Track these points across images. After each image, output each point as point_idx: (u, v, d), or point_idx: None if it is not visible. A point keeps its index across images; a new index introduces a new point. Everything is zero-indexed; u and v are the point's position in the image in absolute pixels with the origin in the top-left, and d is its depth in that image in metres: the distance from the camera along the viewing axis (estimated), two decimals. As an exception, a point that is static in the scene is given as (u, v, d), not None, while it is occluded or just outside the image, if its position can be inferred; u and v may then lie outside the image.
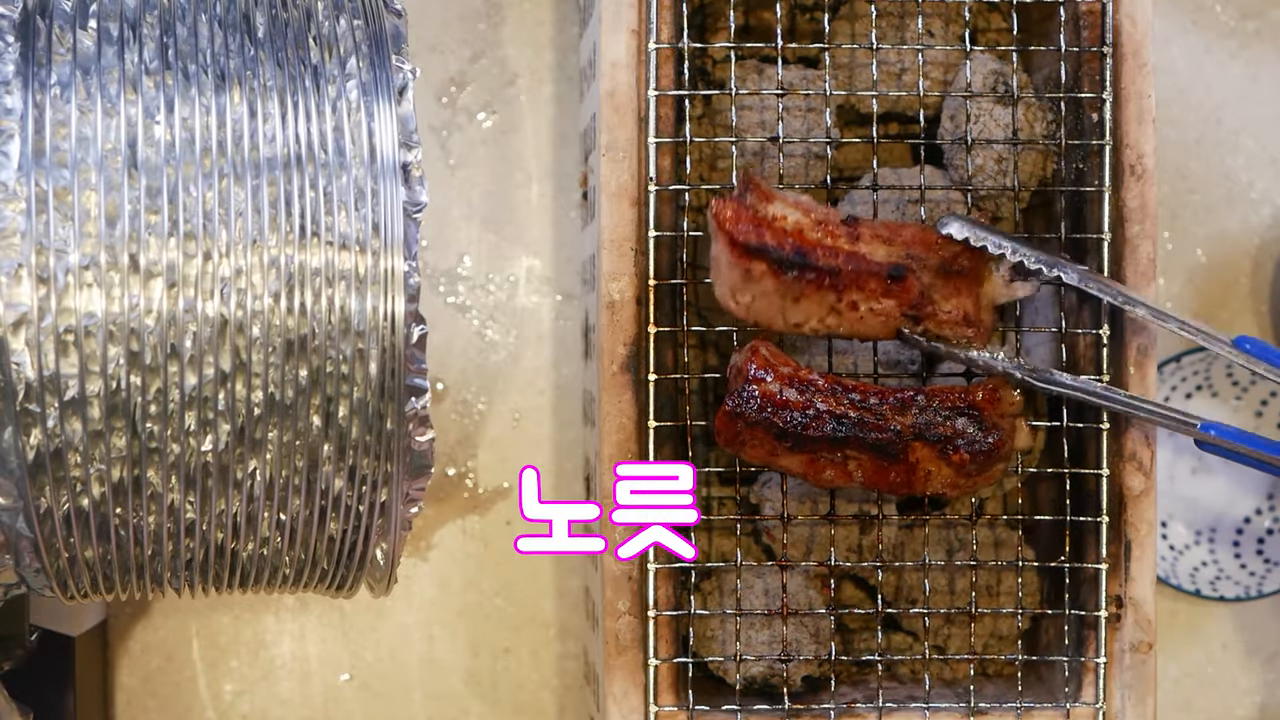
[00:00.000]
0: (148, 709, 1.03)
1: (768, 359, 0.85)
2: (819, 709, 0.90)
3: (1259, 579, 1.05)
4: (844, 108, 0.95)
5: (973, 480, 0.86)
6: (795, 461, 0.86)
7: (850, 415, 0.85)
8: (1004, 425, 0.86)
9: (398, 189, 0.74)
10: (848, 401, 0.85)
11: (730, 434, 0.86)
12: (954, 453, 0.85)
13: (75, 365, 0.71)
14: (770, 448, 0.86)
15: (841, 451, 0.85)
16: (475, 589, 1.04)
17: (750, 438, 0.85)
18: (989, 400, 0.86)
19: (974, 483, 0.87)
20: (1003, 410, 0.86)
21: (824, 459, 0.86)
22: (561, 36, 1.06)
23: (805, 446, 0.85)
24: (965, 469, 0.85)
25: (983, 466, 0.86)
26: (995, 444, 0.85)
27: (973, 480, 0.86)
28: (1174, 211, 1.08)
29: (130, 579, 0.77)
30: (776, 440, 0.85)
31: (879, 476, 0.86)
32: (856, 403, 0.85)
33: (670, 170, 0.90)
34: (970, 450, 0.85)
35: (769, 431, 0.85)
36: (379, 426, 0.75)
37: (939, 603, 0.94)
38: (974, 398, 0.86)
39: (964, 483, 0.86)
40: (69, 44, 0.73)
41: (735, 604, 0.91)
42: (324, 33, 0.77)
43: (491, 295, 1.05)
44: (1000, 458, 0.86)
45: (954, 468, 0.85)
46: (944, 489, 0.86)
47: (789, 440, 0.85)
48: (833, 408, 0.85)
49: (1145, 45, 0.90)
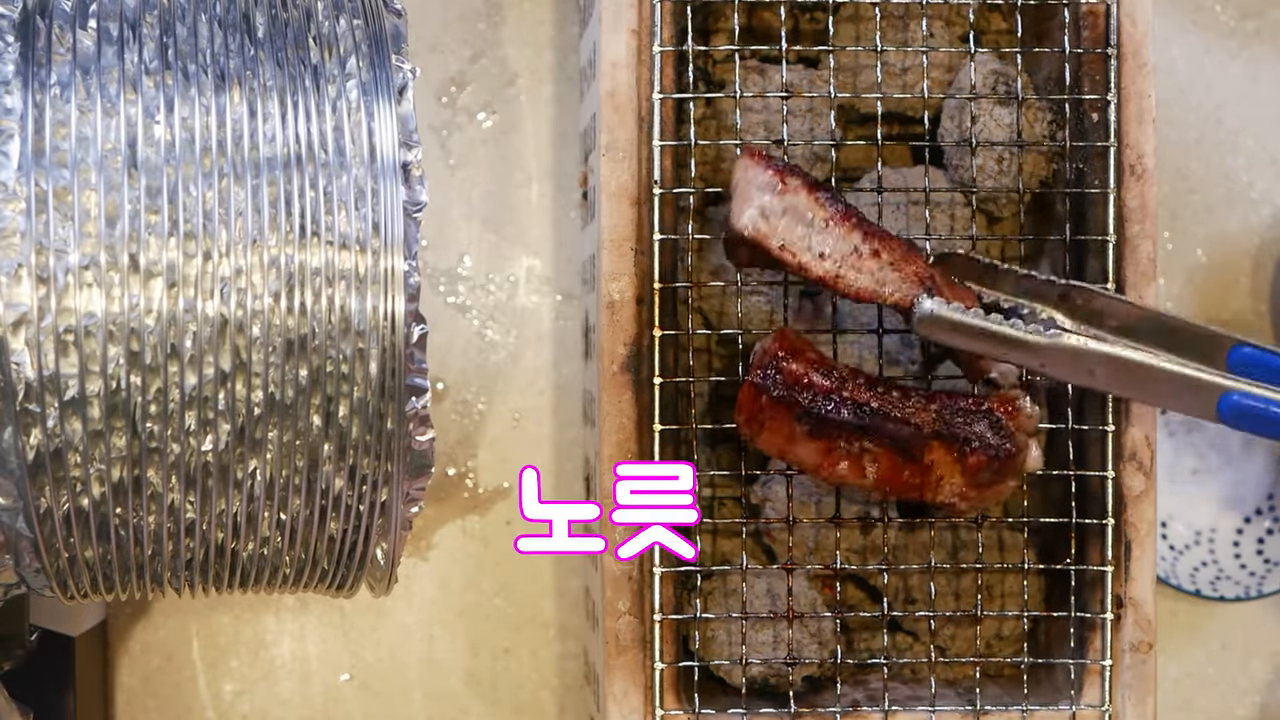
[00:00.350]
0: (148, 709, 1.03)
1: (795, 344, 0.85)
2: (825, 710, 0.90)
3: (1259, 579, 1.05)
4: (846, 108, 0.95)
5: (982, 493, 0.86)
6: (810, 450, 0.85)
7: (872, 405, 0.85)
8: (1020, 438, 0.86)
9: (398, 189, 0.74)
10: (871, 391, 0.85)
11: (752, 411, 0.85)
12: (971, 454, 0.85)
13: (75, 365, 0.71)
14: (789, 431, 0.85)
15: (860, 443, 0.85)
16: (475, 589, 1.04)
17: (771, 416, 0.85)
18: (1007, 410, 0.86)
19: (983, 495, 0.86)
20: (1020, 422, 0.86)
21: (840, 449, 0.85)
22: (561, 36, 1.05)
23: (824, 432, 0.84)
24: (979, 476, 0.85)
25: (996, 475, 0.85)
26: (1012, 451, 0.85)
27: (982, 493, 0.86)
28: (1174, 211, 1.08)
29: (130, 579, 0.77)
30: (797, 421, 0.84)
31: (893, 474, 0.85)
32: (879, 394, 0.85)
33: (672, 171, 0.90)
34: (987, 454, 0.85)
35: (790, 411, 0.84)
36: (379, 426, 0.75)
37: (940, 605, 0.94)
38: (996, 403, 0.86)
39: (973, 494, 0.86)
40: (69, 44, 0.73)
41: (740, 606, 0.90)
42: (324, 32, 0.77)
43: (491, 295, 1.05)
44: (1013, 470, 0.86)
45: (968, 474, 0.85)
46: (953, 498, 0.86)
47: (809, 423, 0.84)
48: (855, 395, 0.85)
49: (1145, 45, 0.90)
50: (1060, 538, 0.92)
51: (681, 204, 0.91)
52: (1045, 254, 0.94)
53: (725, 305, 0.93)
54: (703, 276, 0.92)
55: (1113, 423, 0.90)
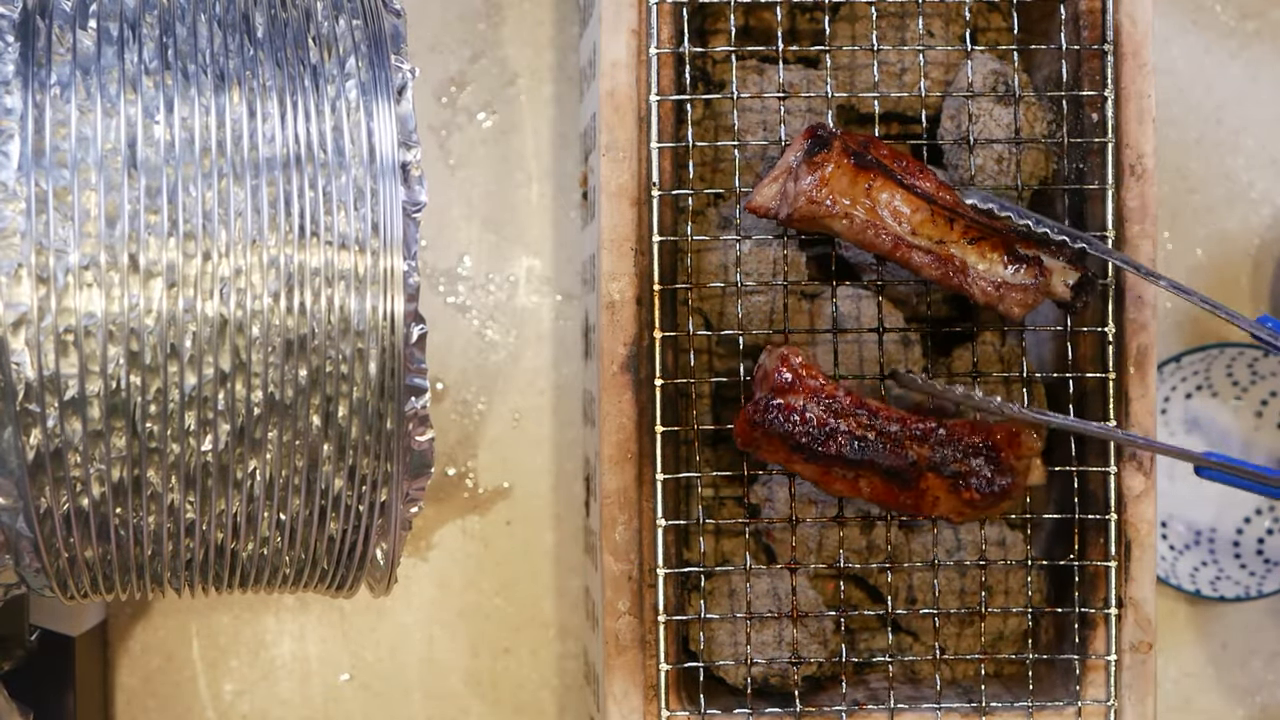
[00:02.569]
0: (148, 709, 1.03)
1: (797, 370, 0.86)
2: (830, 710, 0.90)
3: (1259, 579, 1.05)
4: (845, 108, 0.95)
5: (978, 513, 0.87)
6: (808, 470, 0.86)
7: (868, 439, 0.85)
8: (1019, 467, 0.86)
9: (397, 189, 0.74)
10: (868, 424, 0.85)
11: (747, 438, 0.86)
12: (965, 490, 0.86)
13: (75, 365, 0.71)
14: (785, 456, 0.86)
15: (855, 470, 0.86)
16: (475, 589, 1.04)
17: (767, 445, 0.86)
18: (1009, 442, 0.86)
19: (979, 514, 0.87)
20: (1021, 453, 0.86)
21: (836, 473, 0.86)
22: (561, 36, 1.05)
23: (819, 460, 0.85)
24: (973, 504, 0.86)
25: (990, 505, 0.86)
26: (1006, 488, 0.86)
27: (978, 513, 0.87)
28: (1174, 211, 1.08)
29: (130, 579, 0.77)
30: (791, 451, 0.85)
31: (888, 497, 0.87)
32: (877, 427, 0.85)
33: (671, 172, 0.90)
34: (981, 491, 0.86)
35: (785, 443, 0.85)
36: (379, 426, 0.75)
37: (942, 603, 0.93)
38: (994, 438, 0.86)
39: (969, 513, 0.87)
40: (69, 44, 0.73)
41: (743, 606, 0.90)
42: (323, 33, 0.77)
43: (491, 295, 1.05)
44: (1009, 499, 0.86)
45: (962, 502, 0.86)
46: (949, 514, 0.87)
47: (804, 453, 0.85)
48: (852, 429, 0.85)
49: (1145, 45, 0.90)
50: (1061, 536, 0.92)
51: (681, 204, 0.91)
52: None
53: (725, 305, 0.93)
54: (702, 277, 0.92)
55: (1113, 419, 0.90)
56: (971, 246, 0.85)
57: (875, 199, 0.85)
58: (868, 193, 0.84)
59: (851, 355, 0.92)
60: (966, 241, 0.85)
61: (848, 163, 0.84)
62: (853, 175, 0.84)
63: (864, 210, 0.85)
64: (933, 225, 0.85)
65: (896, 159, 0.86)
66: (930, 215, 0.85)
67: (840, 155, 0.84)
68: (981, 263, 0.85)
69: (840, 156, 0.84)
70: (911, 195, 0.85)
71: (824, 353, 0.92)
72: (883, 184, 0.84)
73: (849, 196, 0.84)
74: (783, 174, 0.86)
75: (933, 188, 0.86)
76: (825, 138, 0.85)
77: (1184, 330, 1.08)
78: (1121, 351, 0.90)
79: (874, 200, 0.85)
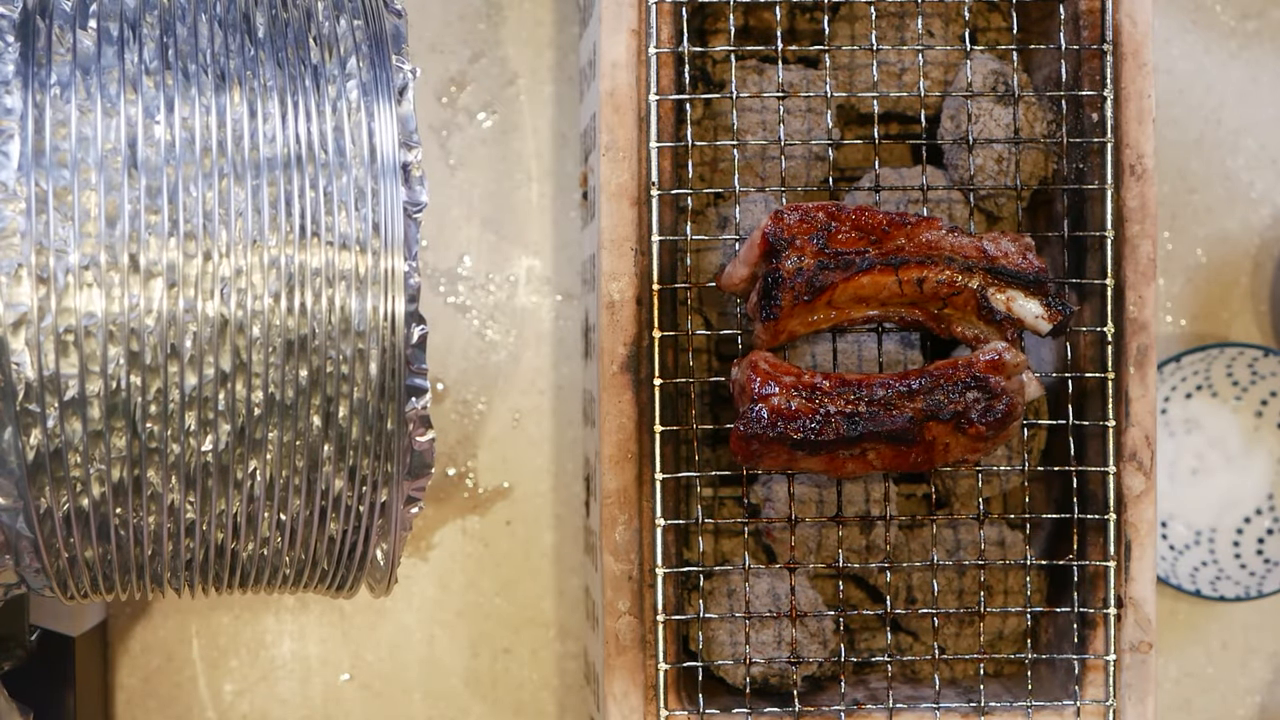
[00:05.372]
0: (148, 709, 1.03)
1: (769, 371, 0.85)
2: (830, 710, 0.90)
3: (1259, 579, 1.05)
4: (844, 108, 0.95)
5: (990, 444, 0.86)
6: (815, 463, 0.85)
7: (861, 411, 0.84)
8: (1012, 386, 0.85)
9: (398, 189, 0.74)
10: (855, 398, 0.85)
11: (746, 453, 0.85)
12: (970, 426, 0.84)
13: (75, 365, 0.71)
14: (788, 457, 0.85)
15: (859, 446, 0.85)
16: (475, 589, 1.04)
17: (767, 452, 0.85)
18: (993, 367, 0.85)
19: (992, 445, 0.86)
20: (1009, 371, 0.85)
21: (843, 455, 0.85)
22: (561, 36, 1.06)
23: (822, 449, 0.85)
24: (982, 436, 0.85)
25: (999, 431, 0.85)
26: (1008, 409, 0.85)
27: (990, 444, 0.86)
28: (1174, 211, 1.08)
29: (130, 579, 0.77)
30: (793, 450, 0.84)
31: (899, 460, 0.85)
32: (865, 397, 0.85)
33: (670, 172, 0.90)
34: (985, 421, 0.84)
35: (784, 444, 0.84)
36: (379, 427, 0.75)
37: (941, 603, 0.94)
38: (978, 368, 0.85)
39: (983, 446, 0.86)
40: (69, 44, 0.73)
41: (742, 606, 0.91)
42: (324, 33, 0.77)
43: (491, 295, 1.05)
44: (1014, 419, 0.85)
45: (971, 440, 0.85)
46: (965, 455, 0.86)
47: (805, 448, 0.84)
48: (842, 408, 0.84)
49: (1145, 45, 0.90)
50: (1061, 536, 0.92)
51: (681, 204, 0.91)
52: (1044, 252, 0.94)
53: (725, 305, 0.94)
54: (702, 277, 0.92)
55: (1113, 418, 0.90)
56: (946, 307, 0.86)
57: (838, 300, 0.86)
58: (829, 304, 0.86)
59: (851, 355, 0.92)
60: (941, 301, 0.86)
61: (803, 302, 0.85)
62: (808, 306, 0.85)
63: (833, 314, 0.86)
64: (901, 295, 0.85)
65: (860, 229, 0.85)
66: (899, 287, 0.85)
67: (790, 304, 0.85)
68: (960, 324, 0.86)
69: (790, 304, 0.85)
70: (876, 274, 0.85)
71: (824, 353, 0.92)
72: (844, 284, 0.85)
73: (814, 314, 0.86)
74: (745, 265, 0.87)
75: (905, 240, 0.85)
76: (774, 294, 0.85)
77: (1184, 330, 1.08)
78: (1121, 351, 0.90)
79: (838, 301, 0.86)
